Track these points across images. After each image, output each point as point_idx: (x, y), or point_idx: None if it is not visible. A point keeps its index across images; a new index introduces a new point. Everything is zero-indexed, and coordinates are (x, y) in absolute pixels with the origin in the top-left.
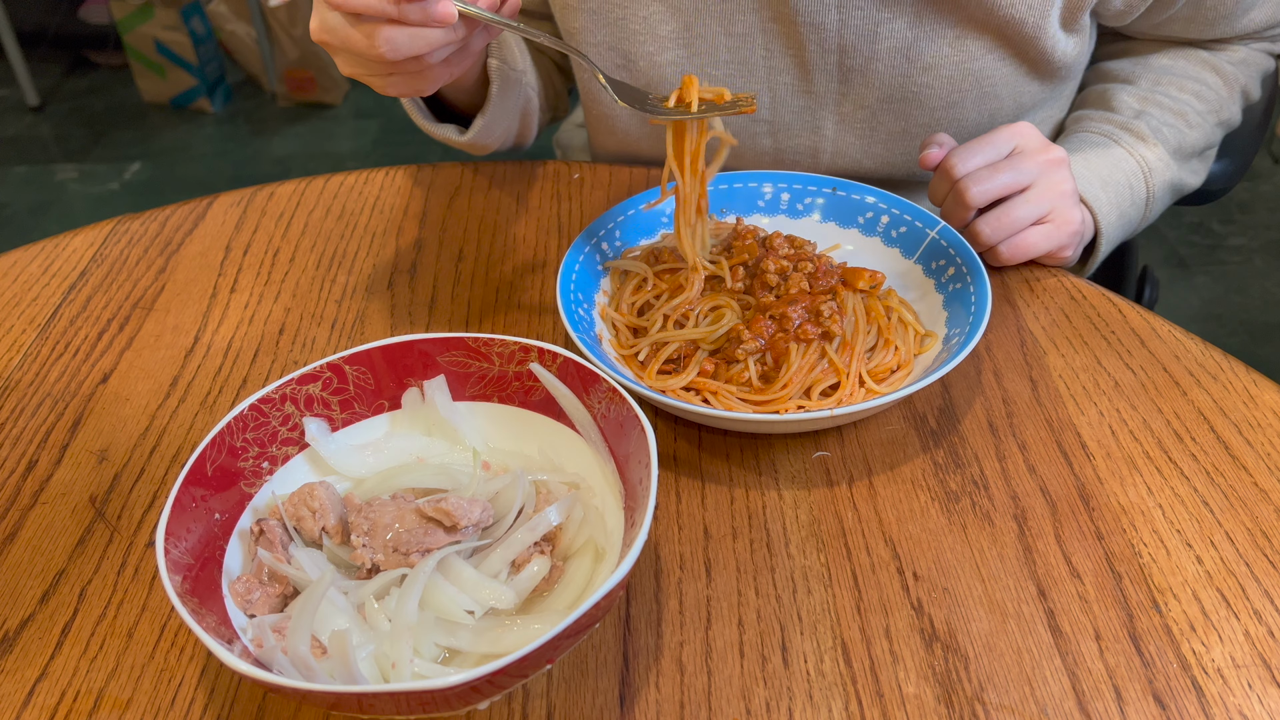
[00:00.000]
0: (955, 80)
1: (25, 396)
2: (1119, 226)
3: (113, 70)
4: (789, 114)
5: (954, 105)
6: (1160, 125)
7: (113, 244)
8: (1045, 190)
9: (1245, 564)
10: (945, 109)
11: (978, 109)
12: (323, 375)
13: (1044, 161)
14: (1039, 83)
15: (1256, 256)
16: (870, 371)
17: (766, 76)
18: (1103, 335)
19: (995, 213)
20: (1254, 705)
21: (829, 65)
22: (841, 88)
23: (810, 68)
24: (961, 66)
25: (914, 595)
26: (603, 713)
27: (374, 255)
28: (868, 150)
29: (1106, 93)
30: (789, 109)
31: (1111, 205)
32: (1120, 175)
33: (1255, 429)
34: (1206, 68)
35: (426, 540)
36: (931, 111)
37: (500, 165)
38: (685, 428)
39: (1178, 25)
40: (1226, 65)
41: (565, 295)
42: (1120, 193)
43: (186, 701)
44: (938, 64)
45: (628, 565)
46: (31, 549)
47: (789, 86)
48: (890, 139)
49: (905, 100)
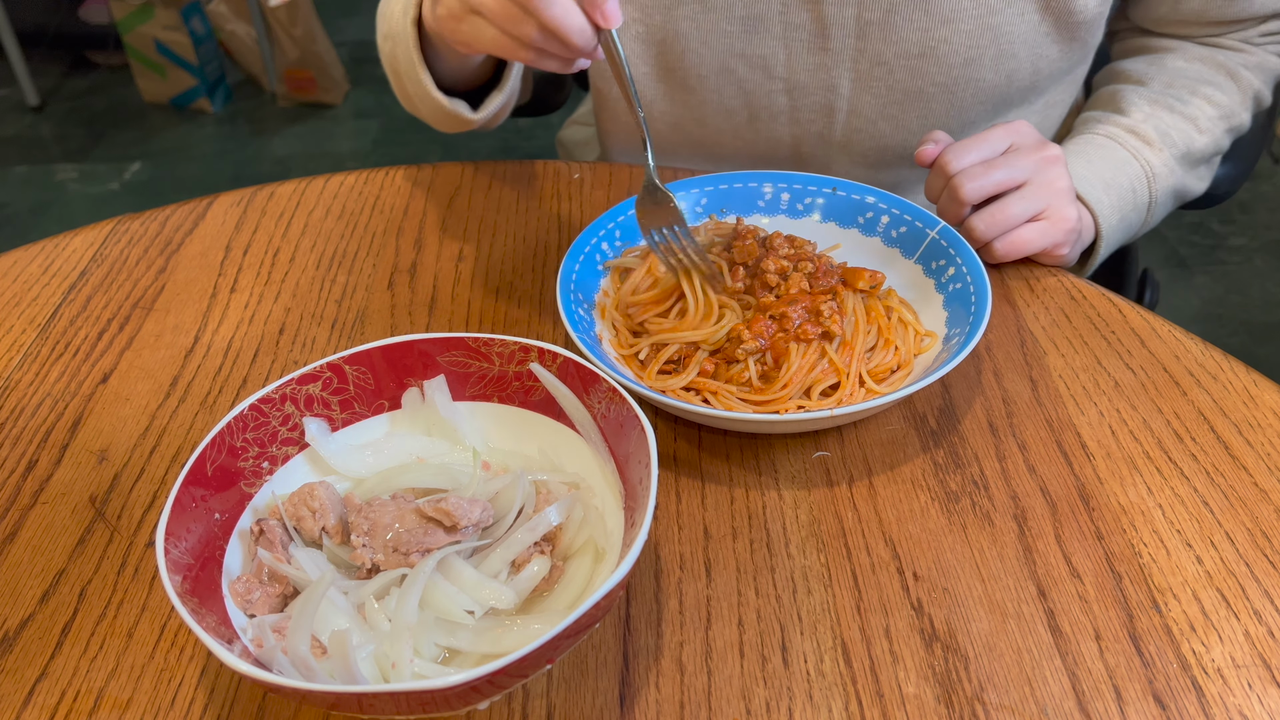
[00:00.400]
0: (974, 35)
1: (25, 396)
2: (1120, 229)
3: (113, 70)
4: (804, 73)
5: (971, 63)
6: (1169, 130)
7: (113, 244)
8: (1040, 188)
9: (1245, 564)
10: (963, 66)
11: (995, 69)
12: (323, 375)
13: (1039, 159)
14: (1058, 44)
15: (1256, 256)
16: (870, 371)
17: (782, 33)
18: (1103, 335)
19: (989, 209)
20: (1254, 705)
21: (846, 19)
22: (859, 43)
23: (827, 22)
24: (981, 20)
25: (914, 595)
26: (603, 713)
27: (374, 255)
28: (883, 111)
29: (1117, 94)
30: (804, 67)
31: (1113, 208)
32: (1124, 179)
33: (1255, 429)
34: (1221, 72)
35: (426, 540)
36: (949, 69)
37: (500, 165)
38: (685, 428)
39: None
40: (1241, 70)
41: (565, 295)
42: (1123, 196)
43: (186, 701)
44: (957, 16)
45: (628, 565)
46: (31, 549)
47: (805, 43)
48: (906, 99)
49: (923, 56)
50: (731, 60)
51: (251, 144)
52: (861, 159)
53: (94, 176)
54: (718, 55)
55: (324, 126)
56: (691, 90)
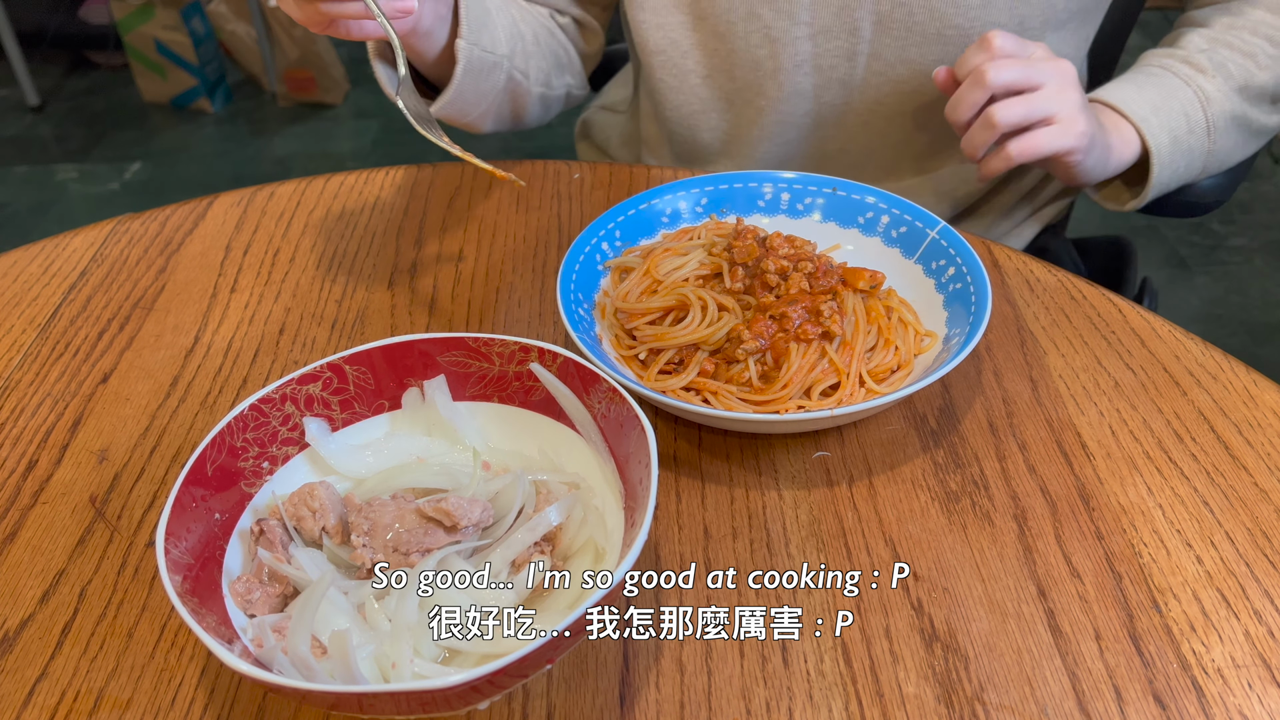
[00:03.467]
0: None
1: (25, 396)
2: (1172, 151)
3: (113, 70)
4: (828, 15)
5: (988, 4)
6: (1225, 61)
7: (113, 244)
8: (1056, 93)
9: (1245, 564)
10: (980, 8)
11: (1009, 11)
12: (323, 375)
13: (1055, 69)
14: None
15: (1256, 256)
16: (870, 371)
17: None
18: (1103, 335)
19: (1008, 100)
20: (1254, 705)
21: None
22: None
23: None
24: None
25: (914, 595)
26: (603, 713)
27: (374, 255)
28: (902, 54)
29: (1178, 36)
30: (828, 9)
31: (1161, 128)
32: (1175, 103)
33: (1255, 429)
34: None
35: (427, 540)
36: (966, 10)
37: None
38: (685, 428)
39: None
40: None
41: (565, 295)
42: (1174, 119)
43: (186, 701)
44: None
45: (628, 565)
46: (31, 549)
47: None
48: (925, 41)
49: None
50: (758, 5)
51: (251, 144)
52: (878, 106)
53: (94, 176)
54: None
55: (324, 126)
56: (721, 37)
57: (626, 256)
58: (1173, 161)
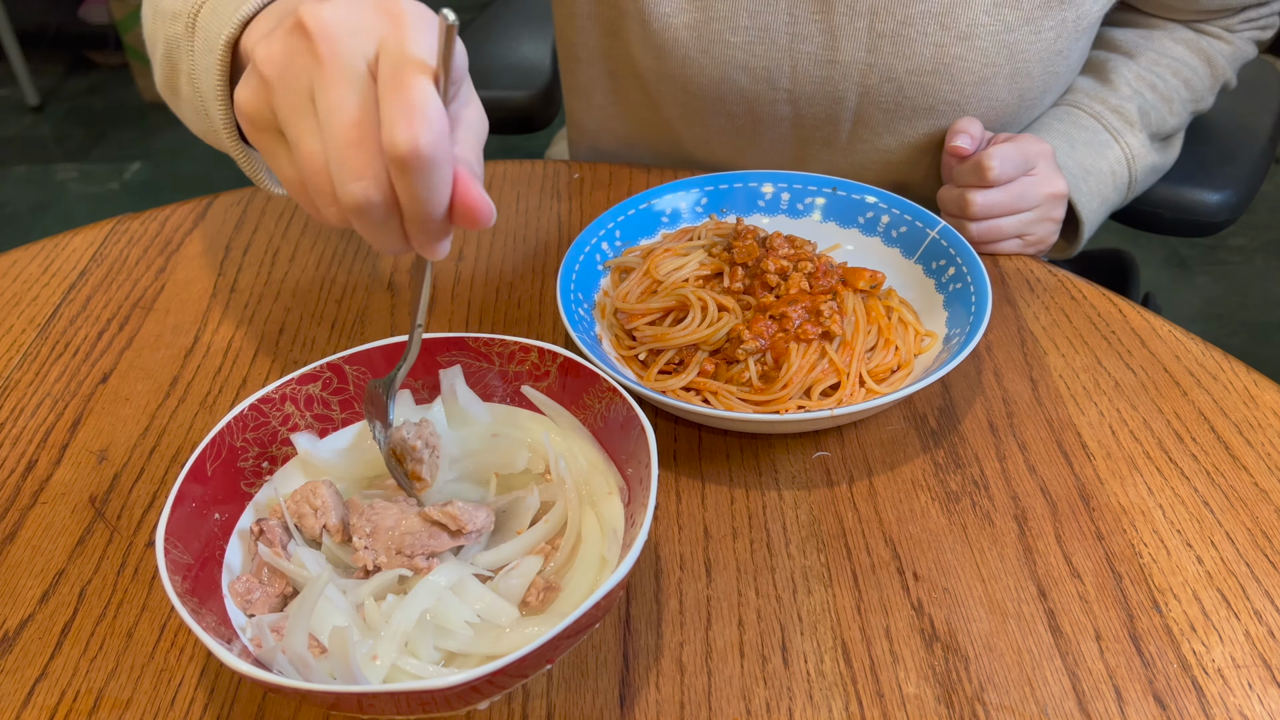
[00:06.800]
0: (990, 53)
1: (25, 396)
2: (1100, 212)
3: (113, 70)
4: (810, 85)
5: (986, 82)
6: (1149, 109)
7: (113, 244)
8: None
9: (1245, 564)
10: (976, 85)
11: (1009, 87)
12: (322, 375)
13: (1049, 196)
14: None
15: (1257, 256)
16: (870, 371)
17: (789, 45)
18: (1103, 335)
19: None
20: (1254, 705)
21: (858, 30)
22: (869, 57)
23: (837, 33)
24: (998, 38)
25: (914, 595)
26: (603, 713)
27: (374, 255)
28: (889, 126)
29: (1106, 65)
30: (810, 80)
31: (1093, 194)
32: (1104, 164)
33: (1255, 429)
34: (1201, 58)
35: (431, 544)
36: (962, 88)
37: (500, 165)
38: (685, 428)
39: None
40: (1219, 58)
41: (565, 295)
42: (1102, 182)
43: (186, 701)
44: (974, 33)
45: (628, 565)
46: (31, 549)
47: (812, 56)
48: (915, 115)
49: (936, 73)
50: (733, 71)
51: None
52: (863, 167)
53: (94, 176)
54: (718, 65)
55: None
56: (692, 95)
57: (626, 256)
58: (1097, 219)
